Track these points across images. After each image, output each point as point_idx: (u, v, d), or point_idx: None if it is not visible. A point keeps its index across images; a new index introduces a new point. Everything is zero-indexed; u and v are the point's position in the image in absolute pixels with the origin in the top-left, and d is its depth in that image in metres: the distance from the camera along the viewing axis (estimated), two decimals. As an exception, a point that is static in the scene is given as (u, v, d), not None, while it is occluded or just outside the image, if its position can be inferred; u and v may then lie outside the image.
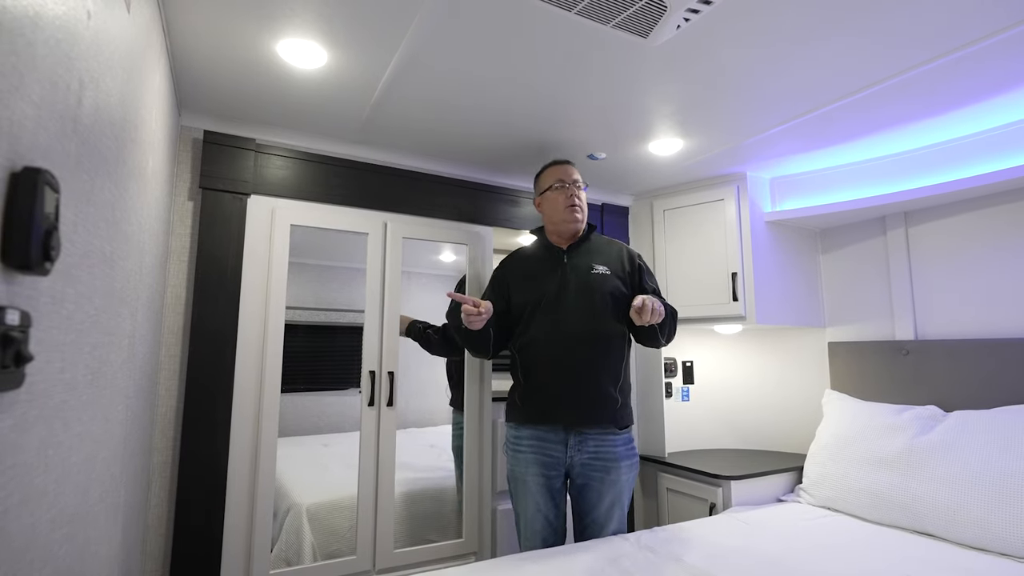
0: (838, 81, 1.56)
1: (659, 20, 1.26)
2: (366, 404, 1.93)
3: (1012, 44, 1.36)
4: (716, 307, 2.30)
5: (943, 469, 1.70)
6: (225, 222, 1.78)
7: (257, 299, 1.81)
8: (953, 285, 2.05)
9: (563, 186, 1.79)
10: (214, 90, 1.64)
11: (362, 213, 2.01)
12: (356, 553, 1.85)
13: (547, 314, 1.70)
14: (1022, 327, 1.86)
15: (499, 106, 1.73)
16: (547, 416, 1.68)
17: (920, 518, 1.69)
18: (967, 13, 1.25)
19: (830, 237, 2.48)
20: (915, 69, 1.48)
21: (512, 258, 1.89)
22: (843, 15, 1.26)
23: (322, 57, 1.45)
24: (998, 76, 1.52)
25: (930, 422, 1.86)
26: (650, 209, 2.60)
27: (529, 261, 1.84)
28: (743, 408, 2.64)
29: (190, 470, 1.66)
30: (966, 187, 1.87)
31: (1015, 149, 1.82)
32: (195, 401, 1.68)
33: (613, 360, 1.70)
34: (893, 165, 2.12)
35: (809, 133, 1.92)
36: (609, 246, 1.85)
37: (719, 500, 2.07)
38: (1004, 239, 1.92)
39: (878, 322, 2.27)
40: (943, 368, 2.00)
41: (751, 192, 2.32)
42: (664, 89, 1.62)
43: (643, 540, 1.62)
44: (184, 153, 1.79)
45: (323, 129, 1.91)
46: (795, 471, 2.22)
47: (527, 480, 1.68)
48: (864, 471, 1.89)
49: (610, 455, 1.66)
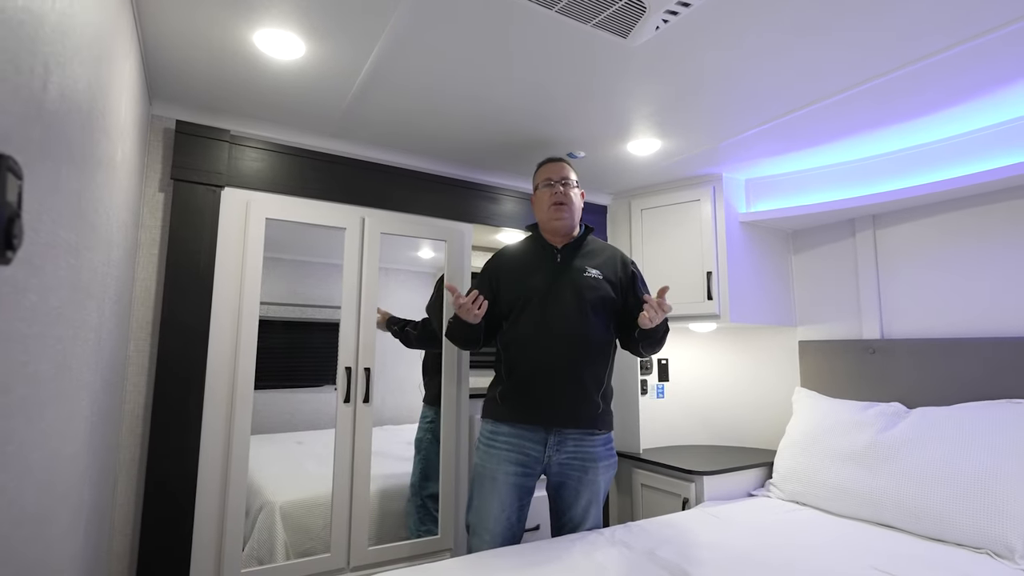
0: (810, 86, 1.60)
1: (639, 21, 1.27)
2: (342, 401, 1.91)
3: (972, 55, 1.42)
4: (691, 306, 2.34)
5: (905, 464, 1.76)
6: (198, 215, 1.74)
7: (230, 294, 1.77)
8: (917, 286, 2.12)
9: (550, 184, 1.78)
10: (187, 79, 1.60)
11: (339, 208, 1.99)
12: (330, 551, 1.83)
13: (535, 312, 1.69)
14: (981, 327, 1.94)
15: (480, 102, 1.73)
16: (527, 415, 1.66)
17: (883, 511, 1.75)
18: (931, 25, 1.29)
19: (802, 238, 2.55)
20: (883, 76, 1.53)
21: (504, 252, 1.86)
22: (816, 23, 1.29)
23: (300, 48, 1.43)
24: (962, 85, 1.58)
25: (894, 418, 1.93)
26: (628, 208, 2.63)
27: (522, 257, 1.81)
28: (716, 405, 2.69)
29: (159, 468, 1.62)
30: (930, 192, 1.93)
31: (976, 156, 1.88)
32: (165, 397, 1.64)
33: (597, 365, 1.70)
34: (862, 169, 2.18)
35: (783, 136, 1.97)
36: (604, 250, 1.82)
37: (692, 495, 2.11)
38: (965, 242, 2.00)
39: (846, 322, 2.34)
40: (907, 366, 2.07)
41: (726, 193, 2.36)
42: (643, 89, 1.64)
43: (618, 535, 1.64)
44: (155, 143, 1.75)
45: (300, 121, 1.88)
46: (765, 466, 2.27)
47: (497, 477, 1.64)
48: (831, 466, 1.94)
49: (589, 455, 1.67)
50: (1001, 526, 1.50)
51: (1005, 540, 1.48)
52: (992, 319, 1.91)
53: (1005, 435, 1.63)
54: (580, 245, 1.80)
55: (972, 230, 1.98)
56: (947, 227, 2.05)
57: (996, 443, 1.63)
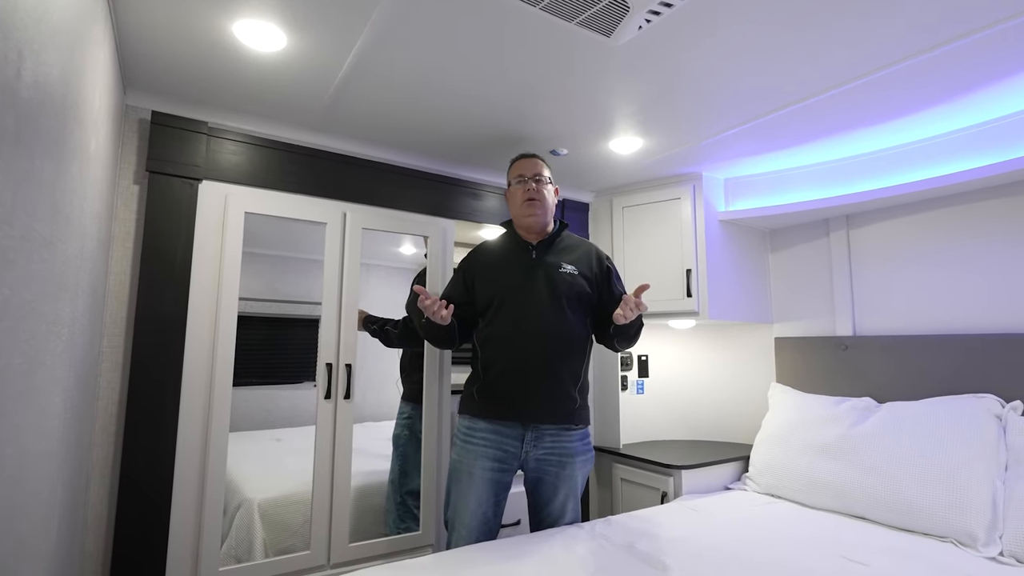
0: (789, 87, 1.63)
1: (622, 20, 1.29)
2: (322, 397, 1.90)
3: (945, 60, 1.46)
4: (671, 303, 2.37)
5: (875, 457, 1.81)
6: (174, 208, 1.71)
7: (208, 289, 1.75)
8: (888, 285, 2.18)
9: (522, 180, 1.77)
10: (163, 69, 1.57)
11: (320, 202, 1.97)
12: (310, 548, 1.82)
13: (512, 309, 1.68)
14: (948, 324, 2.00)
15: (463, 98, 1.73)
16: (504, 412, 1.66)
17: (854, 503, 1.80)
18: (905, 30, 1.33)
19: (778, 237, 2.60)
20: (859, 79, 1.57)
21: (480, 249, 1.85)
22: (795, 25, 1.32)
23: (281, 40, 1.41)
24: (934, 89, 1.63)
25: (865, 413, 1.98)
26: (610, 206, 2.65)
27: (497, 254, 1.81)
28: (694, 400, 2.74)
29: (133, 466, 1.59)
30: (901, 193, 1.99)
31: (946, 158, 1.95)
32: (140, 394, 1.61)
33: (574, 360, 1.71)
34: (837, 170, 2.24)
35: (761, 136, 2.00)
36: (579, 246, 1.83)
37: (670, 489, 2.14)
38: (934, 243, 2.06)
39: (821, 319, 2.39)
40: (878, 362, 2.13)
41: (706, 192, 2.40)
42: (625, 88, 1.65)
43: (597, 529, 1.66)
44: (129, 134, 1.71)
45: (281, 115, 1.86)
46: (742, 460, 2.32)
47: (474, 473, 1.64)
48: (804, 460, 1.99)
49: (566, 450, 1.68)
50: (965, 516, 1.56)
51: (968, 529, 1.54)
52: (958, 317, 1.98)
53: (969, 429, 1.70)
54: (555, 241, 1.80)
55: (940, 231, 2.05)
56: (916, 227, 2.11)
57: (961, 436, 1.69)
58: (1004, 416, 1.71)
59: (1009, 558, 1.46)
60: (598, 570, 1.36)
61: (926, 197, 2.04)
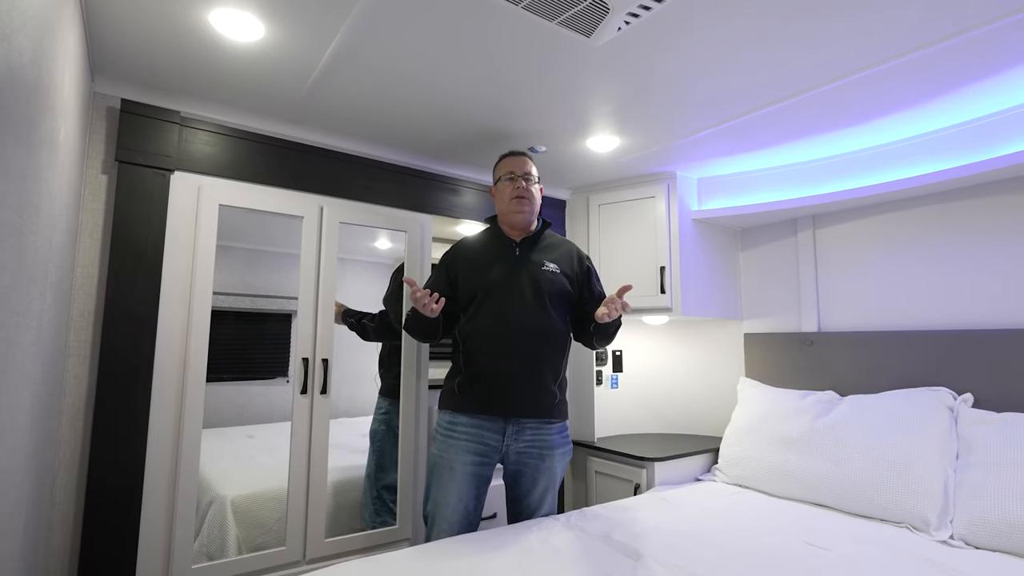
0: (761, 91, 1.68)
1: (602, 21, 1.31)
2: (298, 392, 1.88)
3: (907, 68, 1.53)
4: (645, 299, 2.42)
5: (837, 448, 1.89)
6: (145, 199, 1.66)
7: (181, 282, 1.71)
8: (851, 282, 2.28)
9: (512, 178, 1.79)
10: (134, 56, 1.52)
11: (297, 196, 1.94)
12: (286, 544, 1.81)
13: (493, 305, 1.70)
14: (906, 321, 2.10)
15: (443, 94, 1.73)
16: (486, 407, 1.68)
17: (817, 492, 1.88)
18: (872, 38, 1.39)
19: (749, 236, 2.67)
20: (827, 84, 1.63)
21: (463, 244, 1.87)
22: (767, 31, 1.37)
23: (259, 30, 1.39)
24: (897, 96, 1.70)
25: (828, 406, 2.07)
26: (586, 203, 2.68)
27: (480, 249, 1.82)
28: (667, 394, 2.80)
29: (102, 463, 1.55)
30: (864, 195, 2.07)
31: (905, 163, 2.03)
32: (109, 390, 1.57)
33: (554, 356, 1.74)
34: (805, 171, 2.32)
35: (734, 137, 2.06)
36: (561, 245, 1.86)
37: (643, 481, 2.19)
38: (894, 243, 2.15)
39: (788, 315, 2.48)
40: (841, 357, 2.22)
41: (680, 191, 2.45)
42: (604, 88, 1.68)
43: (573, 520, 1.69)
44: (97, 122, 1.66)
45: (257, 105, 1.83)
46: (712, 452, 2.39)
47: (455, 467, 1.66)
48: (771, 451, 2.07)
49: (545, 443, 1.71)
50: (919, 502, 1.65)
51: (922, 515, 1.63)
52: (916, 314, 2.08)
53: (924, 420, 1.79)
54: (538, 239, 1.83)
55: (900, 232, 2.14)
56: (878, 228, 2.21)
57: (916, 428, 1.78)
58: (956, 408, 1.80)
59: (959, 541, 1.55)
60: (574, 560, 1.39)
61: (886, 200, 2.13)
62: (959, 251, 1.98)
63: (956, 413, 1.79)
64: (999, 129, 1.81)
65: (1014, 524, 1.46)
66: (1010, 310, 1.85)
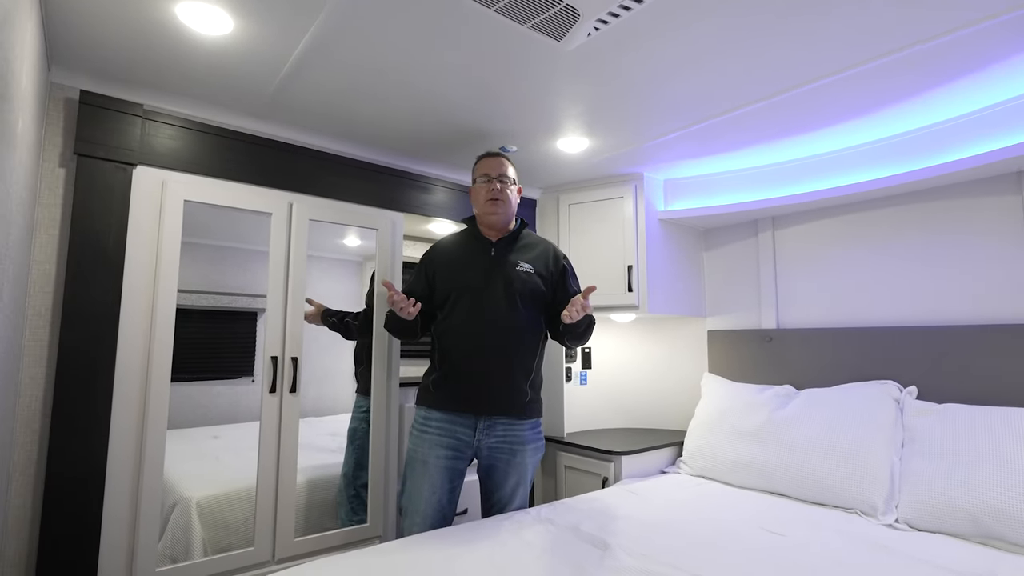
0: (724, 97, 1.75)
1: (572, 26, 1.34)
2: (267, 391, 1.86)
3: (858, 79, 1.62)
4: (613, 297, 2.48)
5: (793, 439, 1.98)
6: (105, 193, 1.62)
7: (144, 280, 1.67)
8: (808, 281, 2.38)
9: (487, 180, 1.81)
10: (95, 45, 1.48)
11: (266, 192, 1.92)
12: (254, 544, 1.79)
13: (469, 304, 1.73)
14: (858, 318, 2.21)
15: (415, 92, 1.74)
16: (459, 404, 1.71)
17: (774, 481, 1.97)
18: (827, 50, 1.46)
19: (712, 236, 2.76)
20: (786, 92, 1.71)
21: (441, 244, 1.89)
22: (729, 41, 1.42)
23: (228, 24, 1.37)
24: (850, 104, 1.79)
25: (785, 399, 2.16)
26: (556, 203, 2.72)
27: (457, 249, 1.85)
28: (634, 390, 2.87)
29: (61, 466, 1.51)
30: (820, 198, 2.17)
31: (859, 167, 2.14)
32: (67, 391, 1.52)
33: (527, 355, 1.77)
34: (765, 174, 2.41)
35: (699, 141, 2.13)
36: (538, 244, 1.88)
37: (611, 474, 2.25)
38: (847, 243, 2.27)
39: (748, 313, 2.58)
40: (798, 353, 2.33)
41: (647, 192, 2.51)
42: (574, 91, 1.72)
43: (543, 513, 1.73)
44: (54, 113, 1.60)
45: (224, 100, 1.79)
46: (677, 446, 2.47)
47: (429, 461, 1.69)
48: (731, 443, 2.15)
49: (517, 439, 1.74)
50: (867, 489, 1.75)
51: (870, 500, 1.73)
52: (866, 311, 2.19)
53: (872, 412, 1.89)
54: (514, 240, 1.85)
55: (853, 233, 2.25)
56: (833, 229, 2.32)
57: (865, 419, 1.88)
58: (901, 399, 1.92)
59: (903, 524, 1.65)
60: (544, 552, 1.43)
61: (840, 203, 2.24)
62: (905, 252, 2.10)
63: (902, 405, 1.90)
64: (944, 137, 1.92)
65: (953, 508, 1.57)
66: (951, 308, 1.97)
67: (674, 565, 1.35)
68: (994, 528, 1.48)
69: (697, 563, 1.36)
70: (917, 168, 1.93)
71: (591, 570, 1.32)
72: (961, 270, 1.96)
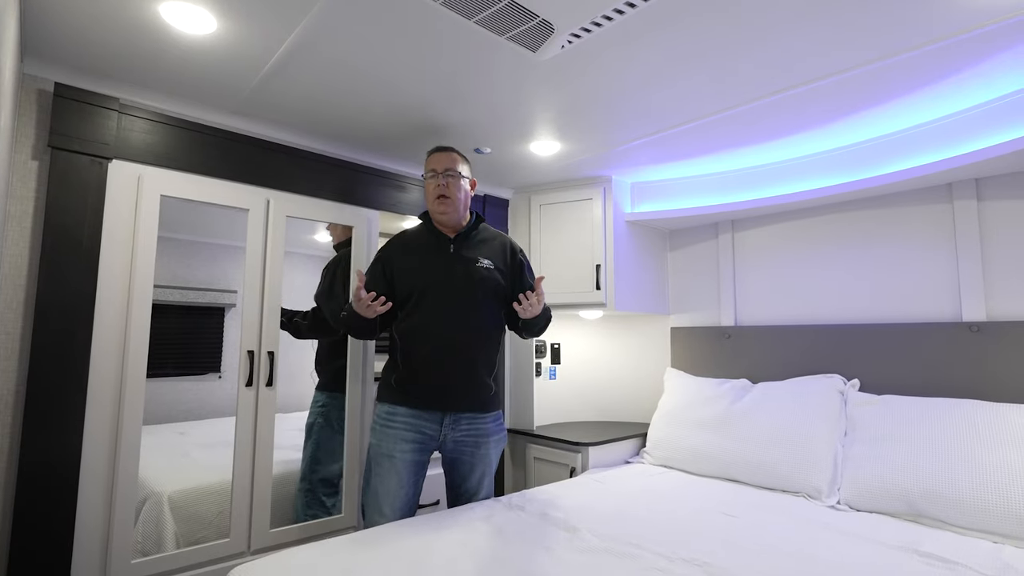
0: (689, 108, 1.86)
1: (547, 39, 1.42)
2: (243, 385, 1.88)
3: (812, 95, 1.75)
4: (582, 295, 2.58)
5: (748, 429, 2.12)
6: (80, 187, 1.61)
7: (119, 275, 1.67)
8: (763, 281, 2.53)
9: (434, 175, 1.79)
10: (71, 38, 1.48)
11: (243, 188, 1.93)
12: (230, 535, 1.81)
13: (432, 303, 1.74)
14: (808, 316, 2.37)
15: (394, 94, 1.79)
16: (425, 401, 1.72)
17: (730, 468, 2.10)
18: (783, 66, 1.59)
19: (676, 237, 2.90)
20: (742, 106, 1.83)
21: (398, 240, 1.87)
22: (693, 55, 1.53)
23: (211, 24, 1.39)
24: (805, 117, 1.93)
25: (742, 392, 2.30)
26: (528, 203, 2.81)
27: (416, 246, 1.83)
28: (601, 385, 2.99)
29: (33, 462, 1.50)
30: (774, 203, 2.32)
31: (812, 175, 2.29)
32: (40, 387, 1.52)
33: (491, 351, 1.81)
34: (726, 180, 2.55)
35: (664, 147, 2.24)
36: (495, 238, 1.90)
37: (578, 464, 2.35)
38: (800, 246, 2.42)
39: (709, 311, 2.72)
40: (753, 348, 2.47)
41: (615, 194, 2.62)
42: (547, 98, 1.80)
43: (513, 502, 1.81)
44: (27, 106, 1.59)
45: (203, 96, 1.80)
46: (641, 437, 2.59)
47: (395, 456, 1.69)
48: (691, 433, 2.28)
49: (481, 431, 1.79)
50: (812, 474, 1.89)
51: (815, 485, 1.87)
52: (815, 310, 2.35)
53: (819, 403, 2.04)
54: (471, 235, 1.85)
55: (805, 236, 2.41)
56: (787, 233, 2.47)
57: (812, 410, 2.03)
58: (845, 391, 2.07)
59: (844, 506, 1.80)
60: (515, 535, 1.51)
61: (794, 208, 2.39)
62: (850, 255, 2.26)
63: (846, 396, 2.06)
64: (886, 150, 2.08)
65: (888, 490, 1.72)
66: (890, 307, 2.14)
67: (638, 545, 1.45)
68: (923, 507, 1.64)
69: (659, 543, 1.47)
70: (861, 178, 2.09)
71: (560, 551, 1.41)
72: (899, 272, 2.13)
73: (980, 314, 1.91)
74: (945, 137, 1.92)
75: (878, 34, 1.41)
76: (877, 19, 1.35)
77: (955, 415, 1.74)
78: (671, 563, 1.34)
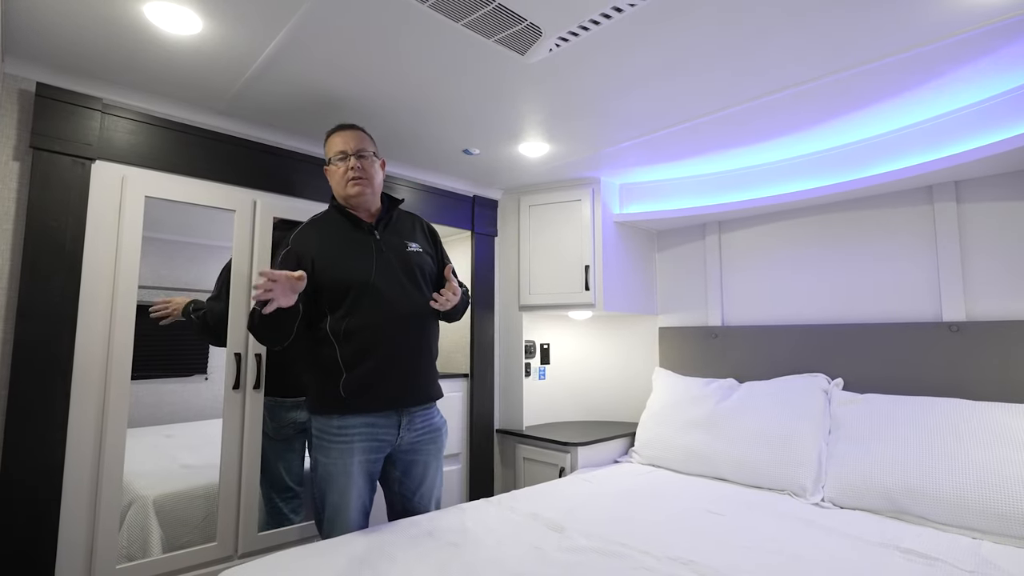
0: (676, 110, 1.88)
1: (536, 42, 1.43)
2: (230, 387, 1.87)
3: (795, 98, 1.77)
4: (571, 295, 2.59)
5: (735, 428, 2.14)
6: (62, 188, 1.59)
7: (103, 277, 1.65)
8: (750, 282, 2.56)
9: (344, 157, 1.64)
10: (53, 37, 1.46)
11: (229, 189, 1.91)
12: (217, 539, 1.80)
13: (373, 297, 1.59)
14: (793, 316, 2.40)
15: (381, 96, 1.78)
16: (382, 403, 1.59)
17: (717, 467, 2.12)
18: (765, 72, 1.61)
19: (664, 238, 2.92)
20: (728, 109, 1.85)
21: (312, 230, 1.66)
22: (678, 61, 1.54)
23: (197, 25, 1.38)
24: (785, 122, 1.96)
25: (729, 391, 2.33)
26: (517, 204, 2.81)
27: (336, 236, 1.65)
28: (590, 385, 3.00)
29: (16, 465, 1.48)
30: (760, 204, 2.34)
31: (798, 177, 2.32)
32: (23, 389, 1.50)
33: (434, 338, 1.74)
34: (713, 181, 2.57)
35: (652, 149, 2.26)
36: (413, 221, 1.82)
37: (568, 464, 2.36)
38: (784, 247, 2.45)
39: (696, 311, 2.74)
40: (740, 348, 2.50)
41: (604, 195, 2.64)
42: (536, 100, 1.80)
43: (504, 502, 1.82)
44: (8, 106, 1.56)
45: (188, 96, 1.79)
46: (629, 436, 2.61)
47: (351, 470, 1.55)
48: (679, 433, 2.30)
49: (433, 425, 1.72)
50: (797, 472, 1.92)
51: (800, 482, 1.90)
52: (800, 310, 2.38)
53: (804, 402, 2.07)
54: (391, 219, 1.74)
55: (788, 237, 2.44)
56: (771, 234, 2.50)
57: (797, 409, 2.06)
58: (829, 391, 2.11)
59: (828, 503, 1.83)
60: (506, 535, 1.51)
61: (779, 209, 2.42)
62: (834, 256, 2.29)
63: (830, 395, 2.09)
64: (869, 153, 2.12)
65: (870, 487, 1.75)
66: (873, 307, 2.17)
67: (626, 544, 1.46)
68: (905, 504, 1.67)
69: (647, 542, 1.48)
70: (845, 180, 2.12)
71: (550, 551, 1.42)
72: (881, 273, 2.16)
73: (960, 314, 1.95)
74: (926, 140, 1.95)
75: (857, 41, 1.43)
76: (856, 27, 1.37)
77: (935, 413, 1.78)
78: (659, 562, 1.36)
